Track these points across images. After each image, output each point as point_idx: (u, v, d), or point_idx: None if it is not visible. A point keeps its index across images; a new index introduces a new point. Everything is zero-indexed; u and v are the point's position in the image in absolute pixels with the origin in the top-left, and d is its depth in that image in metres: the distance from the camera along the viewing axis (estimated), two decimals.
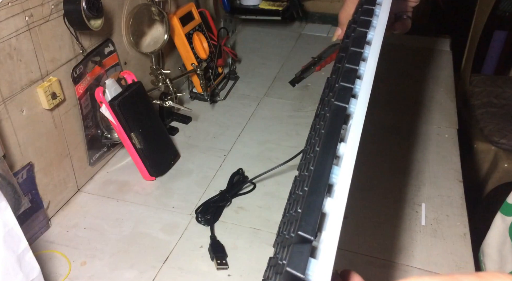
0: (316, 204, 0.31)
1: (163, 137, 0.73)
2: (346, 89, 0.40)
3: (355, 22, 0.49)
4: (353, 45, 0.44)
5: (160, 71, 0.77)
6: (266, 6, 1.11)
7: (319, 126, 0.44)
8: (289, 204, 0.43)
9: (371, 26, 0.47)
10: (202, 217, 0.62)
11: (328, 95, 0.46)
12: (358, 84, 0.42)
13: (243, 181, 0.69)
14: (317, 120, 0.47)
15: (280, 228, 0.42)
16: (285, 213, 0.42)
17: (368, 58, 0.44)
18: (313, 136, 0.45)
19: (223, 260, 0.57)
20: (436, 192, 0.67)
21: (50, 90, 0.58)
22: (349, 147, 0.36)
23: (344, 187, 0.33)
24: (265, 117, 0.85)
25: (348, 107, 0.40)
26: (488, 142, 1.23)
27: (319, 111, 0.49)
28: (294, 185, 0.46)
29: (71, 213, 0.65)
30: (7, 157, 0.53)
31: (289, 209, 0.42)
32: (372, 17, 0.48)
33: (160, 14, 0.76)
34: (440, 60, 1.05)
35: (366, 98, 0.41)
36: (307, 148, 0.45)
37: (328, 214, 0.32)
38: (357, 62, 0.43)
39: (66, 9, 0.58)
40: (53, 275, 0.55)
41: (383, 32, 0.46)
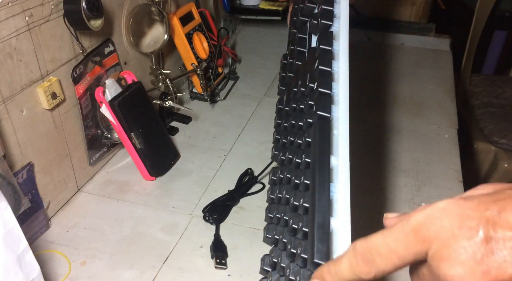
0: (324, 227, 0.32)
1: (163, 137, 0.73)
2: (326, 96, 0.39)
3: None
4: (321, 42, 0.42)
5: (160, 71, 0.77)
6: (266, 6, 1.11)
7: (295, 130, 0.44)
8: (276, 206, 0.43)
9: (334, 17, 0.44)
10: (209, 216, 0.62)
11: (297, 88, 0.44)
12: (335, 88, 0.40)
13: (253, 181, 0.69)
14: (290, 123, 0.46)
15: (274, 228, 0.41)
16: (274, 213, 0.42)
17: (340, 56, 0.42)
18: (290, 140, 0.45)
19: (223, 260, 0.57)
20: (436, 192, 0.67)
21: (50, 90, 0.58)
22: (341, 160, 0.37)
23: (346, 206, 0.34)
24: (265, 117, 0.85)
25: (331, 116, 0.39)
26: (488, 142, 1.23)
27: (286, 108, 0.47)
28: (276, 186, 0.45)
29: (71, 213, 0.65)
30: (7, 157, 0.53)
31: (278, 212, 0.43)
32: (333, 6, 0.45)
33: (160, 14, 0.76)
34: (440, 60, 1.05)
35: (346, 105, 0.40)
36: (283, 149, 0.45)
37: (334, 234, 0.32)
38: (329, 63, 0.41)
39: (66, 9, 0.58)
40: (53, 275, 0.55)
41: (348, 24, 0.44)
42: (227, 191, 0.67)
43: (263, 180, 0.69)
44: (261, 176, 0.68)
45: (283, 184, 0.44)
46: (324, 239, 0.32)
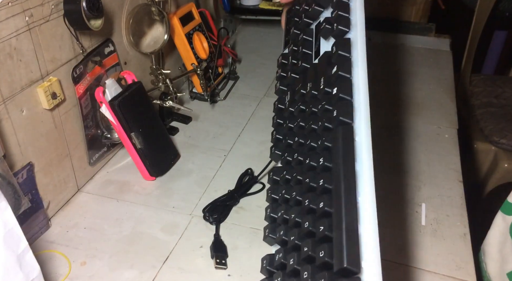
0: (354, 233, 0.33)
1: (163, 137, 0.73)
2: (347, 102, 0.40)
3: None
4: (339, 48, 0.43)
5: (160, 71, 0.77)
6: (266, 6, 1.11)
7: (305, 132, 0.43)
8: (287, 206, 0.42)
9: (351, 25, 0.44)
10: (209, 216, 0.63)
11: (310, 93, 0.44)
12: (355, 95, 0.40)
13: (253, 181, 0.69)
14: (298, 125, 0.46)
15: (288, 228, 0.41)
16: (286, 213, 0.42)
17: (359, 64, 0.42)
18: (298, 142, 0.44)
19: (223, 260, 0.57)
20: (436, 192, 0.67)
21: (50, 90, 0.58)
22: (366, 167, 0.37)
23: (372, 212, 0.35)
24: (265, 117, 0.85)
25: (353, 122, 0.39)
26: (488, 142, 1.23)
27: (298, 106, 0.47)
28: (280, 187, 0.45)
29: (71, 213, 0.65)
30: (7, 157, 0.53)
31: (285, 212, 0.42)
32: (350, 13, 0.45)
33: (160, 14, 0.76)
34: (440, 60, 1.05)
35: (367, 113, 0.40)
36: (295, 150, 0.44)
37: (361, 240, 0.33)
38: (349, 70, 0.41)
39: (66, 9, 0.58)
40: (53, 275, 0.55)
41: (364, 32, 0.44)
42: (227, 191, 0.67)
43: (263, 180, 0.69)
44: (261, 175, 0.68)
45: (291, 185, 0.44)
46: (354, 244, 0.32)
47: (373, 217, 0.34)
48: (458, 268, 0.56)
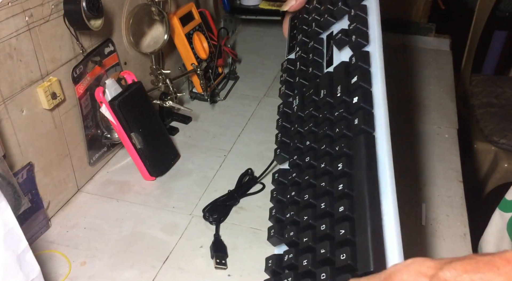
0: (380, 238, 0.34)
1: (163, 137, 0.73)
2: (369, 113, 0.41)
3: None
4: (359, 60, 0.44)
5: (160, 71, 0.77)
6: (266, 6, 1.11)
7: (319, 137, 0.44)
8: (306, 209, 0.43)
9: (369, 39, 0.46)
10: (210, 216, 0.63)
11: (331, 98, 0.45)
12: (376, 105, 0.42)
13: (253, 181, 0.69)
14: (309, 130, 0.46)
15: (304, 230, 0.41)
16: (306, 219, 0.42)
17: (379, 77, 0.43)
18: (310, 146, 0.45)
19: (223, 260, 0.57)
20: (436, 192, 0.67)
21: (50, 90, 0.58)
22: (388, 175, 0.39)
23: (394, 219, 0.37)
24: (265, 117, 0.85)
25: (374, 132, 0.41)
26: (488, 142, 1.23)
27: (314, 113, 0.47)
28: (289, 188, 0.46)
29: (71, 213, 0.65)
30: (7, 157, 0.53)
31: (295, 214, 0.43)
32: (367, 28, 0.47)
33: (160, 14, 0.76)
34: (440, 60, 1.05)
35: (387, 125, 0.41)
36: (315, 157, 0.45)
37: (386, 244, 0.34)
38: (369, 82, 0.42)
39: (66, 9, 0.58)
40: (53, 275, 0.55)
41: (382, 48, 0.45)
42: (227, 191, 0.67)
43: (264, 180, 0.69)
44: (262, 176, 0.68)
45: (302, 187, 0.45)
46: (380, 249, 0.33)
47: (396, 223, 0.36)
48: None
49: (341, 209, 0.37)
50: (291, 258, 0.41)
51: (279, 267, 0.42)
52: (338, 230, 0.37)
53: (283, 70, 0.57)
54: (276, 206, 0.48)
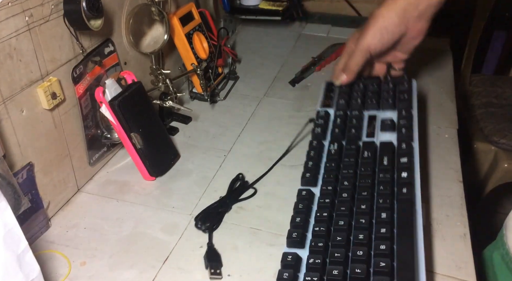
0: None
1: (163, 137, 0.73)
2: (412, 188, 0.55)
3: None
4: (407, 149, 0.60)
5: (160, 71, 0.77)
6: (266, 6, 1.11)
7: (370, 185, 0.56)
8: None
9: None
10: (202, 224, 0.61)
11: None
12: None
13: (244, 186, 0.68)
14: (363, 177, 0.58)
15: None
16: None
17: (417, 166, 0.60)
18: (362, 188, 0.56)
19: (217, 270, 0.55)
20: (436, 192, 0.67)
21: (50, 90, 0.58)
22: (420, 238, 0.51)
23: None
24: (265, 117, 0.85)
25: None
26: (488, 142, 1.23)
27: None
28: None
29: (71, 213, 0.65)
30: (7, 157, 0.53)
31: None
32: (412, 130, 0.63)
33: (160, 14, 0.76)
34: (440, 60, 1.05)
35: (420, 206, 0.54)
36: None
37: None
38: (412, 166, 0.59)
39: (66, 9, 0.58)
40: (53, 275, 0.55)
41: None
42: (226, 189, 0.67)
43: (257, 185, 0.69)
44: (257, 181, 0.68)
45: (343, 215, 0.53)
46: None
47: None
48: (458, 268, 0.56)
49: (386, 246, 0.48)
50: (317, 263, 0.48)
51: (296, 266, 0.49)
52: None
53: (319, 117, 0.69)
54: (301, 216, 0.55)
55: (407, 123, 0.63)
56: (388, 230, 0.49)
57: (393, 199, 0.53)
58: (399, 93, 0.68)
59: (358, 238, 0.49)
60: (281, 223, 0.62)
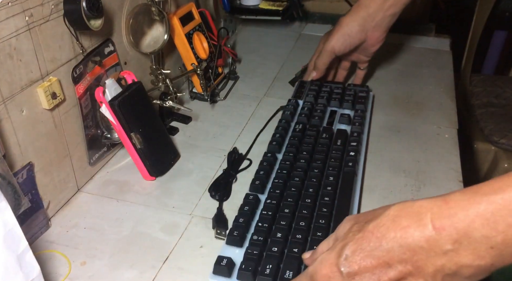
0: None
1: (163, 137, 0.73)
2: (356, 162, 0.69)
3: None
4: (357, 137, 0.74)
5: (160, 71, 0.77)
6: (266, 6, 1.11)
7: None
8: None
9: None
10: (215, 194, 0.66)
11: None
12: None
13: (240, 158, 0.74)
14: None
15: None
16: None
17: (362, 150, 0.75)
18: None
19: (223, 231, 0.59)
20: (436, 192, 0.67)
21: (50, 90, 0.58)
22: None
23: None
24: (265, 117, 0.85)
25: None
26: (488, 142, 1.23)
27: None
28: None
29: (71, 213, 0.65)
30: (7, 157, 0.53)
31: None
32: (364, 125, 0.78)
33: (160, 14, 0.76)
34: (440, 60, 1.05)
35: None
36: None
37: None
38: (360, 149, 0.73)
39: (66, 9, 0.58)
40: (53, 275, 0.55)
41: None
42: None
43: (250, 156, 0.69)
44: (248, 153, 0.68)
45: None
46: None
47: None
48: None
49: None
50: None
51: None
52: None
53: (290, 103, 0.83)
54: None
55: (361, 120, 0.77)
56: (333, 189, 0.62)
57: (340, 170, 0.66)
58: (358, 98, 0.82)
59: (308, 191, 0.62)
60: None
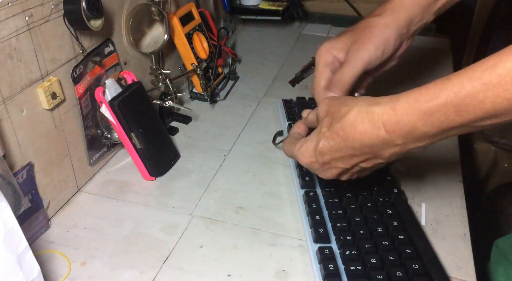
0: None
1: (163, 137, 0.73)
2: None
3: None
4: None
5: (160, 71, 0.77)
6: (266, 6, 1.11)
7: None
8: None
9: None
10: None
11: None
12: None
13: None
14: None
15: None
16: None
17: None
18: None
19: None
20: (436, 192, 0.67)
21: (50, 90, 0.58)
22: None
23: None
24: (265, 117, 0.85)
25: None
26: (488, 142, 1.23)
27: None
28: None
29: (71, 213, 0.65)
30: (7, 157, 0.53)
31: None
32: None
33: (160, 14, 0.76)
34: (440, 60, 1.05)
35: None
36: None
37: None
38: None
39: (66, 9, 0.58)
40: (53, 275, 0.55)
41: None
42: (226, 189, 0.67)
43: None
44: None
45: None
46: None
47: None
48: (458, 268, 0.56)
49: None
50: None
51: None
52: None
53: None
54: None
55: None
56: (398, 223, 0.59)
57: (389, 197, 0.63)
58: None
59: (378, 231, 0.57)
60: (281, 223, 0.62)
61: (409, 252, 0.53)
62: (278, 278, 0.55)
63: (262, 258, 0.57)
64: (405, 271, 0.51)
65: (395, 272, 0.51)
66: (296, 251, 0.58)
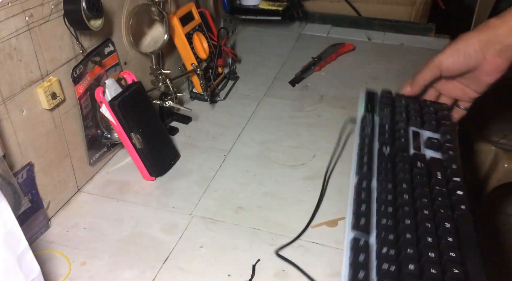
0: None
1: (163, 138, 0.73)
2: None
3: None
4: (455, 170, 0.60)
5: (160, 71, 0.77)
6: (266, 6, 1.11)
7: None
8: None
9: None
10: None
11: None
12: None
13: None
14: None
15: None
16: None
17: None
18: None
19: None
20: None
21: (50, 90, 0.58)
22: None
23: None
24: (265, 117, 0.85)
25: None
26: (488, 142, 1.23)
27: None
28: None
29: (71, 213, 0.65)
30: (7, 157, 0.53)
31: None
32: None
33: (160, 14, 0.76)
34: None
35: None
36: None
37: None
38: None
39: (66, 9, 0.58)
40: (53, 275, 0.55)
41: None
42: (226, 189, 0.67)
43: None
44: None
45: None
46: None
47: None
48: None
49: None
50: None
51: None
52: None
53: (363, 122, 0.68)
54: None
55: (452, 146, 0.63)
56: (454, 239, 0.52)
57: (453, 212, 0.56)
58: (441, 119, 0.68)
59: (427, 241, 0.51)
60: (281, 223, 0.62)
61: (456, 272, 0.48)
62: (278, 278, 0.55)
63: (262, 258, 0.57)
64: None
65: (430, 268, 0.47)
66: (296, 251, 0.58)
